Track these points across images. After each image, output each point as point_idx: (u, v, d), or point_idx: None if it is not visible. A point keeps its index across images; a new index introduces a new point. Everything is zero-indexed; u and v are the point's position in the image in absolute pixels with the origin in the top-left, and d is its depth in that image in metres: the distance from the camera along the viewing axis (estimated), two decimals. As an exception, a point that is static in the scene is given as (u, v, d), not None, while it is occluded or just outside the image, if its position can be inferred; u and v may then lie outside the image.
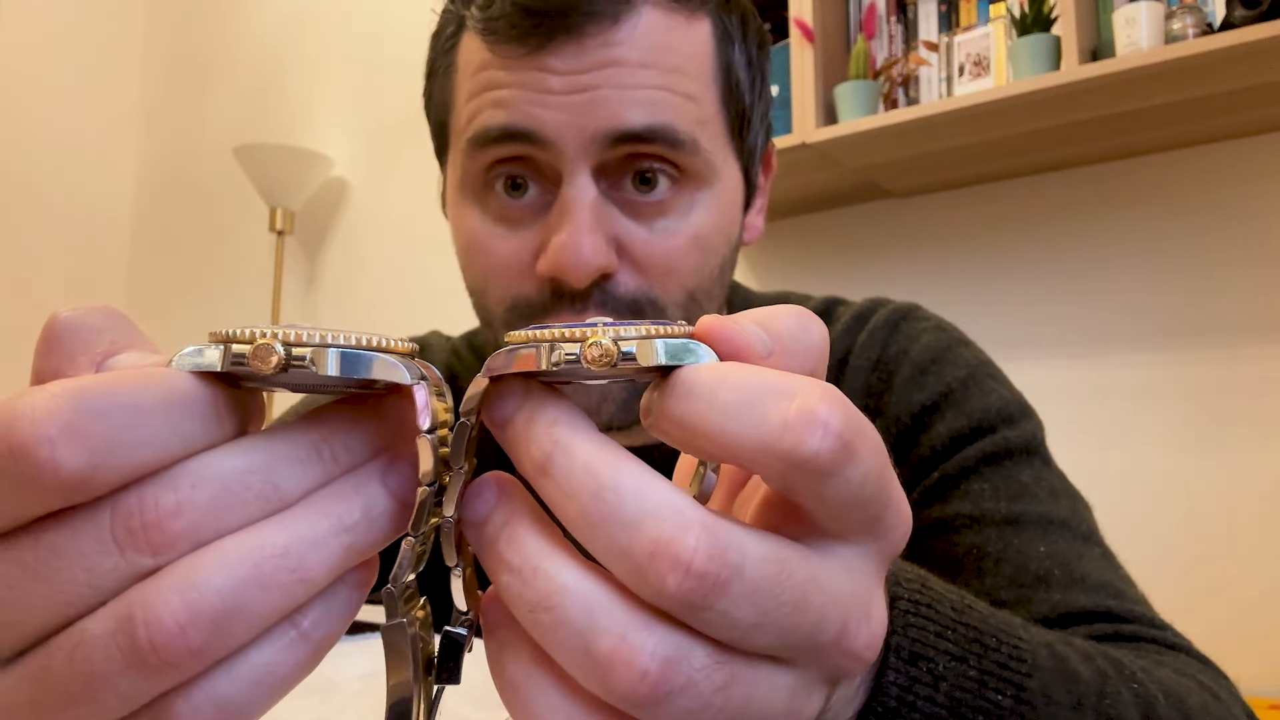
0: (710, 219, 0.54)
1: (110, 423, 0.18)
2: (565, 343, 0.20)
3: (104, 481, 0.18)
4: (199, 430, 0.19)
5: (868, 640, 0.21)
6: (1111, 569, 0.52)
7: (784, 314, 0.22)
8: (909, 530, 0.22)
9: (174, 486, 0.19)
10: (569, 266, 0.50)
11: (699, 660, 0.19)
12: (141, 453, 0.18)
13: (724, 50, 0.55)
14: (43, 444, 0.17)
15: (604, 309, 0.52)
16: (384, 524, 0.21)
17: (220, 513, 0.19)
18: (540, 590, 0.20)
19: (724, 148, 0.56)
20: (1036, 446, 0.57)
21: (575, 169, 0.51)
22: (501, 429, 0.22)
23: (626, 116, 0.50)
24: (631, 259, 0.52)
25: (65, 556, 0.18)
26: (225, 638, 0.18)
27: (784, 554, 0.20)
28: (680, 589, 0.19)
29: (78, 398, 0.18)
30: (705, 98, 0.54)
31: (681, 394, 0.20)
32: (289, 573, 0.19)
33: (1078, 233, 1.52)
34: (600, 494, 0.19)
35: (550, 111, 0.50)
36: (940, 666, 0.29)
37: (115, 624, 0.18)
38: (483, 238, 0.55)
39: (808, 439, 0.19)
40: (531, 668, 0.21)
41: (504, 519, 0.21)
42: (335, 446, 0.21)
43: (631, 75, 0.50)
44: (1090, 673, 0.35)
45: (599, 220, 0.51)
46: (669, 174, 0.52)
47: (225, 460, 0.19)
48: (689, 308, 0.54)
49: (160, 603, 0.18)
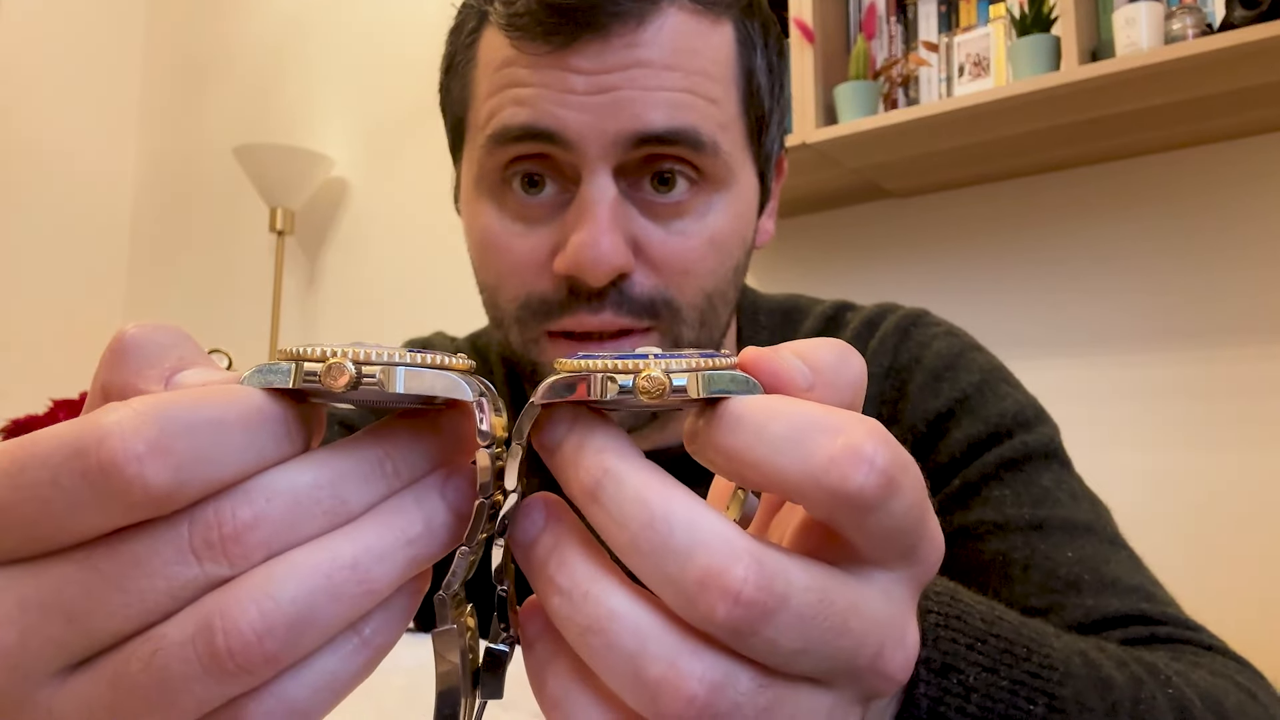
0: (727, 222, 0.54)
1: (195, 440, 0.19)
2: (619, 374, 0.21)
3: (186, 496, 0.19)
4: (272, 446, 0.20)
5: (903, 663, 0.21)
6: (1140, 571, 0.52)
7: (824, 347, 0.22)
8: (941, 557, 0.23)
9: (250, 501, 0.19)
10: (587, 265, 0.50)
11: (744, 684, 0.20)
12: (222, 469, 0.19)
13: (746, 55, 0.55)
14: (131, 461, 0.18)
15: (620, 309, 0.52)
16: (443, 535, 0.21)
17: (292, 525, 0.20)
18: (590, 614, 0.20)
19: (742, 151, 0.56)
20: (1055, 450, 0.57)
21: (595, 169, 0.51)
22: (550, 454, 0.22)
23: (650, 118, 0.50)
24: (648, 259, 0.52)
25: (145, 566, 0.19)
26: (297, 645, 0.19)
27: (826, 582, 0.20)
28: (729, 617, 0.19)
29: (163, 415, 0.18)
30: (727, 101, 0.54)
31: (730, 426, 0.20)
32: (357, 584, 0.20)
33: (1078, 233, 1.52)
34: (651, 523, 0.20)
35: (573, 112, 0.50)
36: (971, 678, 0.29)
37: (194, 630, 0.19)
38: (498, 235, 0.54)
39: (853, 475, 0.19)
40: (572, 683, 0.21)
41: (553, 541, 0.22)
42: (397, 461, 0.21)
43: (656, 77, 0.50)
44: (1124, 678, 0.35)
45: (618, 220, 0.51)
46: (688, 175, 0.52)
47: (297, 475, 0.20)
48: (704, 310, 0.54)
49: (238, 611, 0.19)
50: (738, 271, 0.57)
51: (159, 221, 2.95)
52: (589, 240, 0.50)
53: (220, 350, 0.28)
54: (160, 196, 2.96)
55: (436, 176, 2.27)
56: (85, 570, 0.19)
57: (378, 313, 2.39)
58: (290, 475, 0.20)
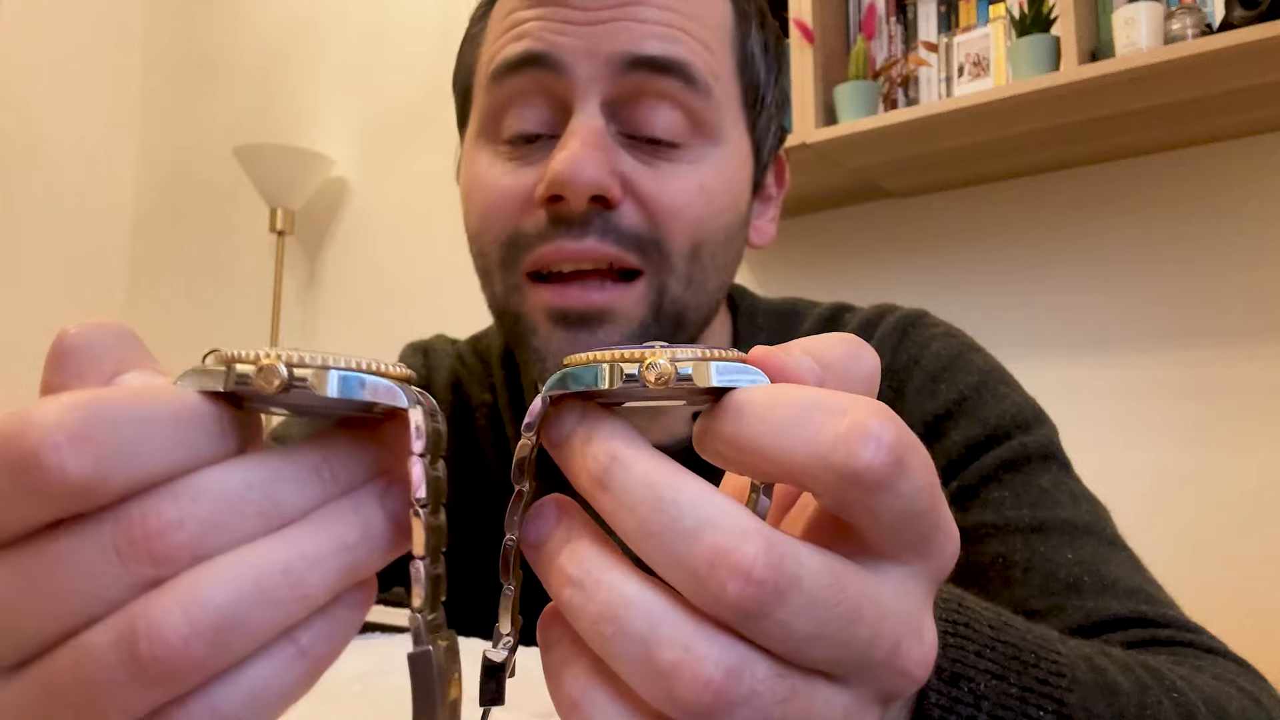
0: (718, 175, 0.54)
1: (117, 433, 0.18)
2: (624, 363, 0.21)
3: (109, 491, 0.18)
4: (203, 445, 0.20)
5: (920, 659, 0.21)
6: (1139, 573, 0.52)
7: (835, 343, 0.22)
8: (957, 551, 0.22)
9: (175, 499, 0.19)
10: (567, 179, 0.49)
11: (761, 672, 0.20)
12: (145, 464, 0.19)
13: (741, 27, 0.57)
14: (50, 450, 0.18)
15: (604, 237, 0.51)
16: (382, 545, 0.21)
17: (221, 527, 0.19)
18: (603, 602, 0.20)
19: (735, 112, 0.56)
20: (1054, 451, 0.57)
21: (586, 96, 0.51)
22: (559, 448, 0.22)
23: (645, 44, 0.51)
24: (636, 195, 0.52)
25: (68, 566, 0.18)
26: (225, 652, 0.19)
27: (839, 567, 0.20)
28: (740, 596, 0.19)
29: (86, 408, 0.18)
30: (721, 55, 0.55)
31: (735, 414, 0.20)
32: (289, 589, 0.19)
33: (1077, 233, 1.52)
34: (659, 505, 0.20)
35: (567, 38, 0.51)
36: (981, 686, 0.29)
37: (117, 636, 0.18)
38: (487, 174, 0.55)
39: (860, 452, 0.19)
40: (590, 682, 0.21)
41: (565, 535, 0.22)
42: (335, 467, 0.21)
43: (654, 13, 0.52)
44: (1130, 684, 0.35)
45: (603, 144, 0.51)
46: (678, 122, 0.53)
47: (227, 475, 0.20)
48: (691, 262, 0.53)
49: (163, 616, 0.18)
50: (726, 235, 0.56)
51: (159, 221, 2.95)
52: (568, 155, 0.50)
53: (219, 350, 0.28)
54: (160, 196, 2.96)
55: (436, 176, 2.26)
56: (13, 571, 0.19)
57: (378, 313, 2.39)
58: (220, 476, 0.19)
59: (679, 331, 0.55)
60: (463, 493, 0.69)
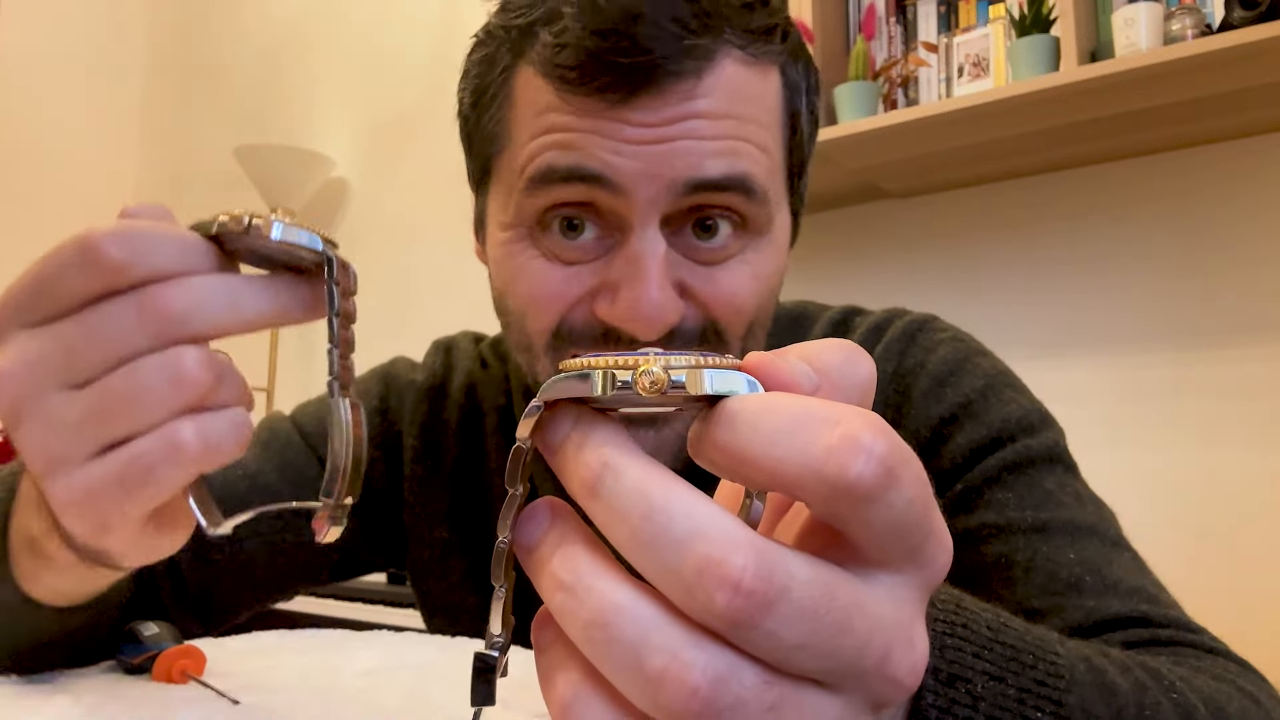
0: (769, 262, 0.54)
1: (143, 241, 0.30)
2: (618, 370, 0.21)
3: (135, 274, 0.29)
4: (194, 261, 0.30)
5: (910, 667, 0.21)
6: (1142, 574, 0.52)
7: (831, 349, 0.22)
8: (950, 560, 0.22)
9: (175, 286, 0.30)
10: (642, 321, 0.49)
11: (749, 679, 0.20)
12: (159, 260, 0.30)
13: (791, 100, 0.54)
14: (101, 241, 0.29)
15: (665, 344, 0.50)
16: (295, 308, 0.32)
17: (202, 306, 0.30)
18: (594, 608, 0.21)
19: (782, 195, 0.55)
20: (1059, 454, 0.57)
21: (646, 218, 0.49)
22: (553, 452, 0.23)
23: (706, 166, 0.49)
24: (696, 300, 0.51)
25: (109, 319, 0.29)
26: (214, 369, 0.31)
27: (829, 577, 0.20)
28: (729, 607, 0.19)
29: (127, 226, 0.30)
30: (774, 149, 0.53)
31: (727, 422, 0.20)
32: (238, 323, 0.31)
33: (1077, 233, 1.53)
34: (650, 514, 0.20)
35: (625, 159, 0.48)
36: (979, 687, 0.29)
37: (160, 358, 0.30)
38: (533, 270, 0.52)
39: (851, 463, 0.19)
40: (582, 686, 0.21)
41: (557, 540, 0.22)
42: (279, 287, 0.31)
43: (712, 127, 0.49)
44: (1129, 684, 0.35)
45: (669, 273, 0.50)
46: (732, 221, 0.52)
47: (207, 279, 0.30)
48: (748, 341, 0.54)
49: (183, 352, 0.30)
50: (775, 303, 0.57)
51: (159, 222, 2.95)
52: (644, 296, 0.48)
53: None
54: (161, 197, 2.96)
55: (436, 176, 2.27)
56: (77, 324, 0.30)
57: (378, 313, 2.39)
58: (203, 279, 0.30)
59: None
60: (469, 494, 0.69)
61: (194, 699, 0.41)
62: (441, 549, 0.69)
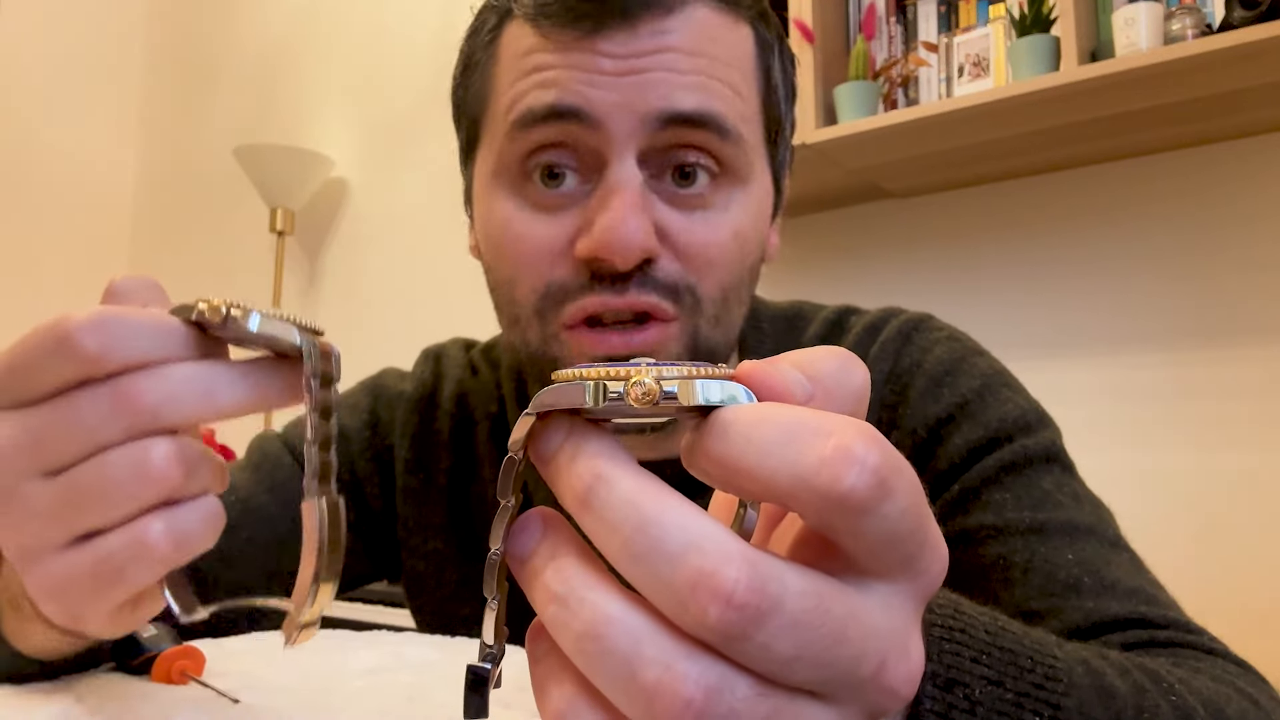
0: (747, 217, 0.54)
1: (119, 330, 0.28)
2: (610, 381, 0.21)
3: (109, 364, 0.28)
4: (173, 349, 0.29)
5: (906, 676, 0.21)
6: (1141, 574, 0.51)
7: (825, 357, 0.22)
8: (945, 569, 0.22)
9: (149, 376, 0.29)
10: (616, 246, 0.49)
11: (742, 691, 0.20)
12: (134, 351, 0.28)
13: (764, 57, 0.56)
14: (76, 331, 0.28)
15: (644, 288, 0.51)
16: (272, 400, 0.31)
17: (176, 397, 0.29)
18: (586, 620, 0.20)
19: (759, 150, 0.56)
20: (1056, 454, 0.57)
21: (622, 151, 0.51)
22: (546, 464, 0.22)
23: (679, 98, 0.50)
24: (673, 246, 0.52)
25: (82, 409, 0.28)
26: (191, 479, 0.30)
27: (823, 588, 0.20)
28: (721, 620, 0.19)
29: (103, 313, 0.29)
30: (749, 96, 0.54)
31: (720, 433, 0.20)
32: (212, 411, 0.30)
33: (1077, 233, 1.53)
34: (642, 527, 0.20)
35: (600, 91, 0.50)
36: (977, 691, 0.29)
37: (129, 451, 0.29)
38: (516, 223, 0.53)
39: (844, 475, 0.19)
40: (576, 697, 0.21)
41: (550, 551, 0.22)
42: (257, 375, 0.30)
43: (684, 61, 0.51)
44: (1127, 687, 0.35)
45: (644, 203, 0.51)
46: (709, 169, 0.53)
47: (184, 367, 0.29)
48: (720, 306, 0.54)
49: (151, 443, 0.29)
50: (752, 273, 0.57)
51: (159, 222, 2.95)
52: (616, 220, 0.49)
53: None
54: (160, 197, 2.96)
55: (436, 176, 2.27)
56: (50, 411, 0.29)
57: (378, 313, 2.39)
58: (180, 367, 0.29)
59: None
60: (463, 505, 0.68)
61: (194, 699, 0.41)
62: (437, 561, 0.69)
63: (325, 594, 0.29)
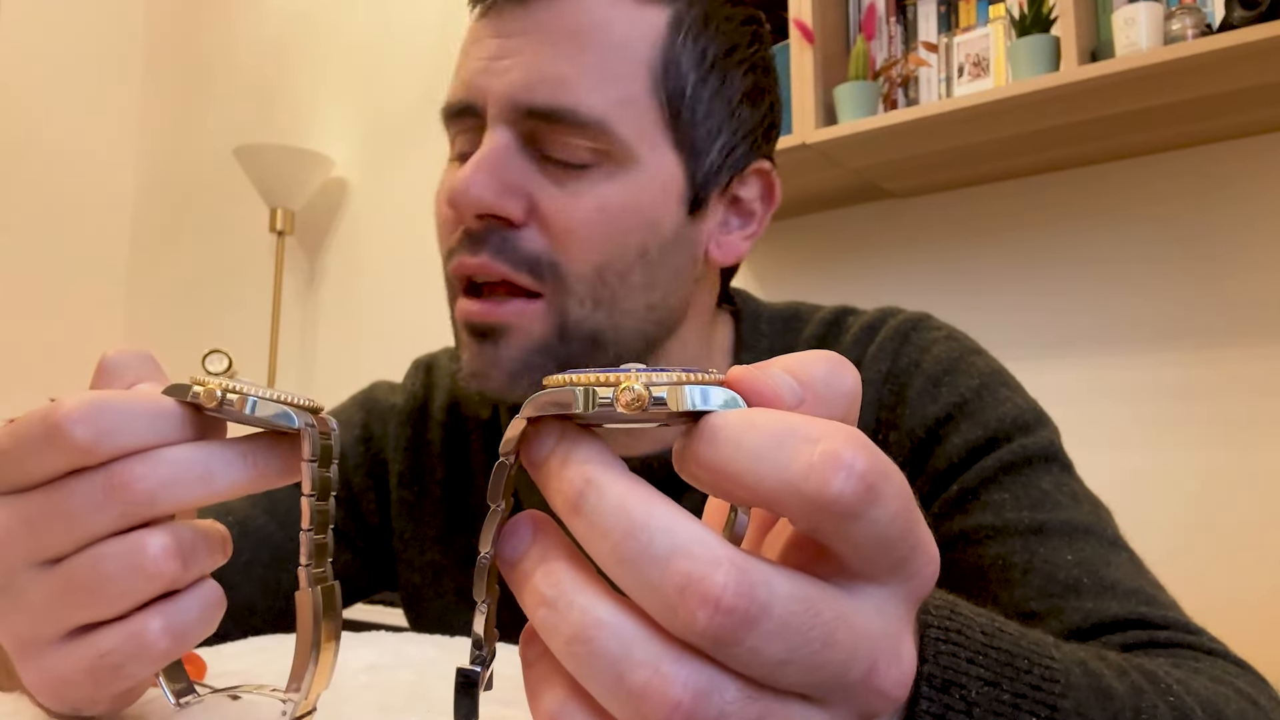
0: (625, 196, 0.53)
1: (112, 416, 0.27)
2: (600, 387, 0.21)
3: (102, 452, 0.27)
4: (169, 432, 0.28)
5: (897, 679, 0.21)
6: (1140, 574, 0.51)
7: (816, 361, 0.22)
8: (937, 572, 0.22)
9: (144, 462, 0.28)
10: (455, 198, 0.52)
11: (730, 694, 0.20)
12: (128, 438, 0.28)
13: (671, 39, 0.54)
14: (67, 421, 0.27)
15: (498, 255, 0.52)
16: (270, 481, 0.30)
17: (173, 482, 0.28)
18: (576, 623, 0.21)
19: (654, 131, 0.54)
20: (1055, 453, 0.56)
21: (494, 126, 0.53)
22: (537, 468, 0.23)
23: (527, 93, 0.52)
24: (540, 218, 0.53)
25: (75, 499, 0.28)
26: (192, 566, 0.29)
27: (812, 592, 0.20)
28: (710, 624, 0.19)
29: (95, 399, 0.28)
30: (632, 80, 0.53)
31: (709, 438, 0.21)
32: (209, 495, 0.29)
33: (1077, 233, 1.53)
34: (632, 531, 0.20)
35: (482, 78, 0.53)
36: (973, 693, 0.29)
37: (124, 547, 0.28)
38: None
39: (832, 481, 0.19)
40: (567, 701, 0.22)
41: (540, 555, 0.22)
42: (255, 456, 0.29)
43: (543, 52, 0.52)
44: (1125, 688, 0.35)
45: (501, 165, 0.52)
46: (580, 149, 0.53)
47: (180, 451, 0.28)
48: (597, 285, 0.53)
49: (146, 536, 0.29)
50: (645, 257, 0.54)
51: (159, 222, 2.95)
52: (462, 175, 0.52)
53: (220, 350, 0.32)
54: (160, 197, 2.96)
55: (437, 177, 2.26)
56: (42, 501, 0.28)
57: (377, 313, 2.40)
58: (176, 451, 0.28)
59: (597, 352, 0.54)
60: (458, 515, 0.68)
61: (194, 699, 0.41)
62: (434, 572, 0.69)
63: (320, 682, 0.28)
